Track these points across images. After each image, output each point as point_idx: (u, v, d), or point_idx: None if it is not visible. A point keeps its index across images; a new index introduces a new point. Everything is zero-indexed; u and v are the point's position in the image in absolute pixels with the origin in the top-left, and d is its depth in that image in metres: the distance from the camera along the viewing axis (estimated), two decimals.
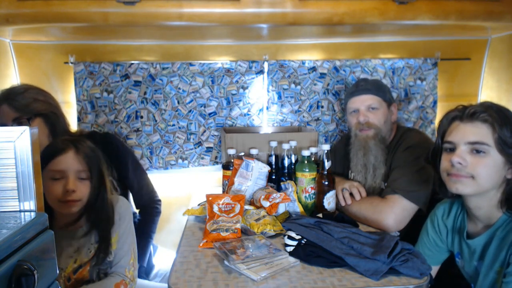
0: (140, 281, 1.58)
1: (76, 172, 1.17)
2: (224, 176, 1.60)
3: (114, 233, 1.24)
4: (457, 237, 1.23)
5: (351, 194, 1.50)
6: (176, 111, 2.07)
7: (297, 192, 1.48)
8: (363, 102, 1.58)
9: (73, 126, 1.65)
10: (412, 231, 1.39)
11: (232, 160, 1.57)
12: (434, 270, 1.32)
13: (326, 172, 1.43)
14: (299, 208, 1.45)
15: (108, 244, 1.22)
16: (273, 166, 1.60)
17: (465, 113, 1.10)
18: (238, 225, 1.24)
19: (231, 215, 1.28)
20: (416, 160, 1.43)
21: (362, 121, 1.58)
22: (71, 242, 1.21)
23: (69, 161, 1.16)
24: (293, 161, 1.59)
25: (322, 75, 2.10)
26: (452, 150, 1.11)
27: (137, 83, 2.02)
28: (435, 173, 1.19)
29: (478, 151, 1.06)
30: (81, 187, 1.18)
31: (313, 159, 1.52)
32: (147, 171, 1.91)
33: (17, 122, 1.41)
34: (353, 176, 1.64)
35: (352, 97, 1.62)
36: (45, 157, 1.12)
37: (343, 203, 1.49)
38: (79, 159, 1.18)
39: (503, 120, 1.05)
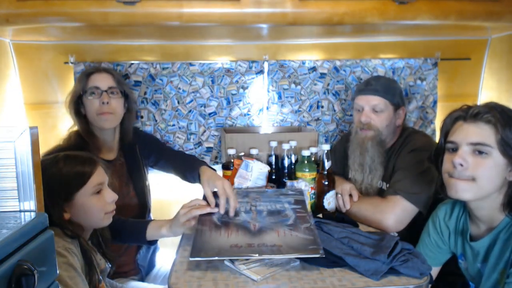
0: (140, 284, 1.57)
1: None
2: (224, 176, 1.60)
3: None
4: (460, 238, 1.22)
5: (350, 196, 1.49)
6: (176, 111, 2.07)
7: None
8: (368, 102, 1.56)
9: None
10: (411, 232, 1.39)
11: (232, 160, 1.57)
12: (435, 271, 1.31)
13: (326, 172, 1.43)
14: None
15: None
16: (273, 166, 1.60)
17: (468, 113, 1.09)
18: None
19: None
20: (420, 163, 1.42)
21: (363, 121, 1.57)
22: None
23: None
24: (293, 161, 1.59)
25: (322, 75, 2.10)
26: (455, 150, 1.10)
27: (137, 83, 2.02)
28: (438, 173, 1.19)
29: (480, 152, 1.05)
30: None
31: (313, 159, 1.52)
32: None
33: (111, 90, 1.55)
34: (353, 175, 1.63)
35: (360, 94, 1.60)
36: None
37: (343, 209, 1.48)
38: None
39: (507, 121, 1.04)
